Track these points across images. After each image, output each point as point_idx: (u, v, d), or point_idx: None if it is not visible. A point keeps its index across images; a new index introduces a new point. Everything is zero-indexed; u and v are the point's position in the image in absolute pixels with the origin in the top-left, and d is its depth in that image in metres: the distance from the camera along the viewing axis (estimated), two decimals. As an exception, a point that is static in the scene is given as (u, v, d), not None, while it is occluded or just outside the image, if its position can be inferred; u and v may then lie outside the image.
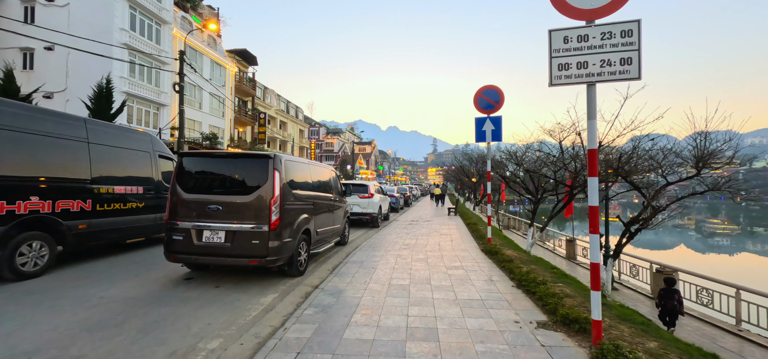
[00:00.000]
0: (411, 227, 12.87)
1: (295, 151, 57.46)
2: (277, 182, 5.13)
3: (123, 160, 7.00)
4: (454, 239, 9.96)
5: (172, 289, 4.98)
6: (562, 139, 9.33)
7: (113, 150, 6.81)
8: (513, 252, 7.46)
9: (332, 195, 7.73)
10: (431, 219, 16.44)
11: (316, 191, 6.72)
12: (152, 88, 23.78)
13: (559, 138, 9.32)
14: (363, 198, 12.13)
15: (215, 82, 31.29)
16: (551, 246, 14.99)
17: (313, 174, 6.70)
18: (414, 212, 21.16)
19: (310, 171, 6.62)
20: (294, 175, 5.80)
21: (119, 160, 6.92)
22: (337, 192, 8.33)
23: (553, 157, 10.37)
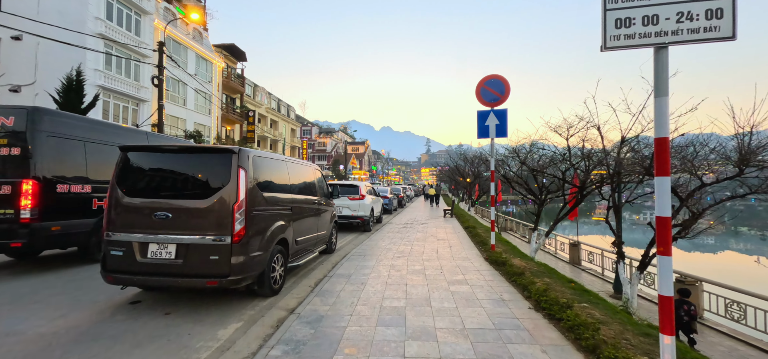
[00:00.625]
0: (405, 231, 11.96)
1: (286, 150, 56.18)
2: (242, 183, 4.16)
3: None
4: (452, 245, 9.07)
5: (109, 319, 3.97)
6: (570, 136, 8.51)
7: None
8: (520, 261, 6.59)
9: (317, 198, 6.77)
10: (426, 221, 15.55)
11: (297, 193, 5.75)
12: (131, 82, 22.47)
13: (567, 135, 8.51)
14: (353, 200, 11.17)
15: (201, 78, 30.00)
16: (552, 248, 14.23)
17: (292, 173, 5.73)
18: (408, 214, 20.26)
19: (289, 169, 5.65)
20: (267, 173, 4.83)
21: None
22: (323, 194, 7.37)
23: (559, 156, 9.56)
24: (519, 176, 10.56)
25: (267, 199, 4.68)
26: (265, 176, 4.74)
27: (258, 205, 4.43)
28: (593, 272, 10.75)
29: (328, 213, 7.55)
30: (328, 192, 7.69)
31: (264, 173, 4.73)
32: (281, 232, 4.98)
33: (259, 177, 4.56)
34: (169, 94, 26.50)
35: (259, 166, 4.63)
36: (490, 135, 7.44)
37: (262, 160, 4.74)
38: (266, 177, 4.79)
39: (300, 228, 5.76)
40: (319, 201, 6.89)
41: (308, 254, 6.28)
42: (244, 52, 36.80)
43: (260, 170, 4.63)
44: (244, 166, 4.24)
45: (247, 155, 4.35)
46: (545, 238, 9.78)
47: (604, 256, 10.16)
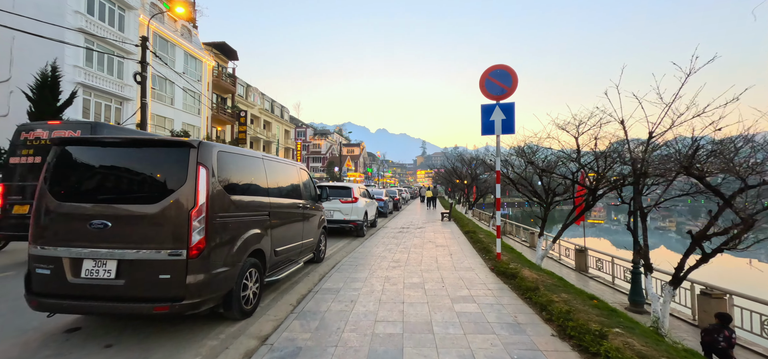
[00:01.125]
0: (401, 236, 11.20)
1: (280, 152, 55.23)
2: (203, 183, 3.37)
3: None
4: (453, 252, 8.33)
5: (33, 354, 3.15)
6: (579, 134, 7.83)
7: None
8: (531, 272, 5.86)
9: (302, 202, 5.99)
10: (424, 225, 14.81)
11: (276, 196, 4.97)
12: (114, 79, 21.49)
13: (576, 133, 7.83)
14: (345, 203, 10.39)
15: (190, 77, 29.05)
16: (556, 254, 13.55)
17: (271, 172, 4.95)
18: (404, 217, 19.51)
19: (267, 168, 4.86)
20: (237, 173, 4.05)
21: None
22: (310, 196, 6.60)
23: (565, 155, 8.89)
24: (523, 176, 9.85)
25: (237, 203, 3.89)
26: (234, 176, 3.96)
27: (224, 211, 3.65)
28: (601, 280, 10.07)
29: (316, 218, 6.77)
30: (315, 195, 6.92)
31: (233, 172, 3.95)
32: (255, 242, 4.19)
33: (226, 176, 3.78)
34: (155, 93, 25.54)
35: (227, 163, 3.85)
36: (495, 131, 6.72)
37: (230, 157, 3.95)
38: (236, 177, 4.01)
39: (280, 236, 4.98)
40: (305, 204, 6.11)
41: (291, 265, 5.49)
42: (235, 51, 35.90)
43: (228, 168, 3.85)
44: (206, 162, 3.46)
45: (210, 150, 3.57)
46: (552, 244, 9.08)
47: (614, 264, 9.49)
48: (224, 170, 3.74)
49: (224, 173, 3.73)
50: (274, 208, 4.80)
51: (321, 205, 7.27)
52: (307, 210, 6.14)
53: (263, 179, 4.64)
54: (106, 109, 21.29)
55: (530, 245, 16.25)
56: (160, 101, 26.09)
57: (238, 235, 3.85)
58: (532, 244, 16.03)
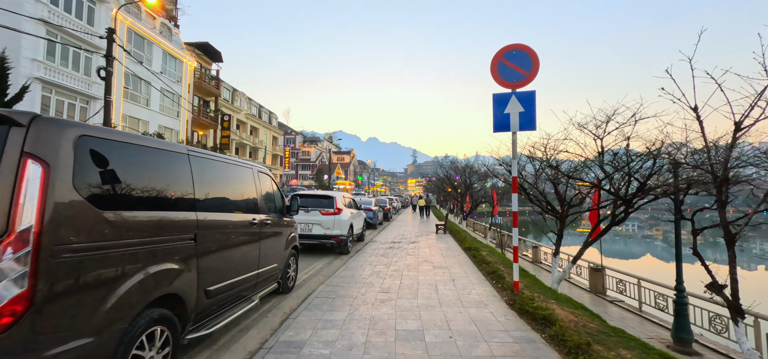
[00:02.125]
0: (392, 253, 9.69)
1: (267, 158, 53.41)
2: (31, 190, 1.85)
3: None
4: (455, 276, 6.84)
5: None
6: (603, 136, 6.52)
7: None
8: (565, 310, 4.42)
9: (261, 217, 4.46)
10: (417, 239, 13.32)
11: (213, 211, 3.45)
12: (80, 76, 19.66)
13: (601, 132, 6.52)
14: (327, 215, 8.85)
15: (169, 77, 27.30)
16: (563, 272, 12.20)
17: (203, 176, 3.41)
18: (395, 229, 17.98)
19: (196, 170, 3.32)
20: (125, 174, 2.50)
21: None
22: (275, 209, 5.08)
23: (581, 162, 7.59)
24: (534, 186, 8.48)
25: (120, 224, 2.34)
26: (118, 179, 2.41)
27: (87, 239, 2.11)
28: (624, 306, 8.70)
29: (282, 238, 5.23)
30: (282, 207, 5.39)
31: (116, 173, 2.40)
32: (164, 284, 2.65)
33: (96, 180, 2.24)
34: (129, 93, 23.73)
35: (101, 157, 2.31)
36: (511, 127, 5.32)
37: (110, 147, 2.40)
38: (124, 180, 2.46)
39: (218, 267, 3.44)
40: (265, 220, 4.57)
41: (238, 306, 3.93)
42: (219, 52, 34.26)
43: (103, 166, 2.31)
44: (45, 153, 1.93)
45: (56, 132, 2.04)
46: (572, 265, 7.68)
47: (641, 287, 8.13)
48: (91, 169, 2.20)
49: (90, 174, 2.19)
50: (207, 229, 3.26)
51: (291, 220, 5.74)
52: (267, 227, 4.61)
53: (187, 185, 3.10)
54: (69, 107, 19.41)
55: (533, 260, 14.90)
56: (134, 102, 24.27)
57: (121, 278, 2.31)
58: (536, 259, 14.68)
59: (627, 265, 10.18)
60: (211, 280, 3.31)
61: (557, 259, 7.79)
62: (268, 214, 4.75)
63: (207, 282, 3.24)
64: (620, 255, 30.09)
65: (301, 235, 8.74)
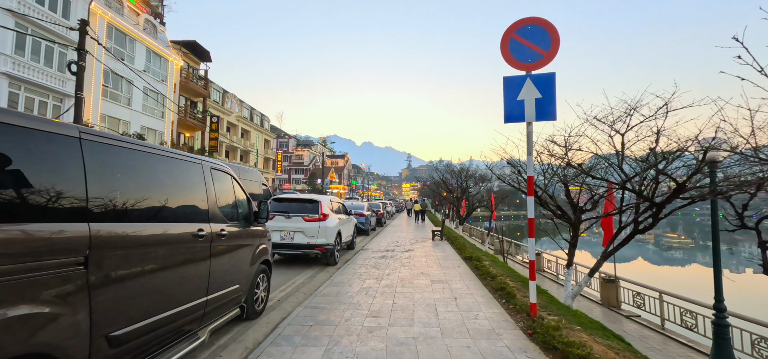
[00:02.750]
0: (385, 263, 8.71)
1: (259, 162, 52.21)
2: None
3: None
4: (458, 294, 5.88)
5: None
6: (627, 129, 5.66)
7: None
8: (607, 346, 3.50)
9: (214, 228, 3.46)
10: (412, 246, 12.35)
11: (131, 222, 2.46)
12: (53, 72, 18.46)
13: (624, 127, 5.66)
14: (310, 221, 7.84)
15: (153, 76, 26.13)
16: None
17: (117, 170, 2.43)
18: (389, 235, 16.99)
19: (106, 162, 2.33)
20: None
21: None
22: (237, 216, 4.08)
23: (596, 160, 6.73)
24: (541, 188, 7.57)
25: None
26: None
27: None
28: (643, 322, 7.81)
29: (248, 251, 4.23)
30: (248, 213, 4.39)
31: None
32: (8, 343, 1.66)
33: None
34: (108, 91, 22.51)
35: None
36: (525, 116, 4.41)
37: None
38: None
39: (134, 300, 2.44)
40: (220, 232, 3.57)
41: (177, 347, 2.93)
42: (207, 52, 33.12)
43: None
44: None
45: None
46: (589, 279, 6.76)
47: (663, 301, 7.25)
48: None
49: None
50: (111, 248, 2.26)
51: (262, 228, 4.74)
52: (223, 240, 3.60)
53: (75, 183, 2.10)
54: (40, 105, 18.17)
55: (536, 267, 14.02)
56: (114, 101, 23.03)
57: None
58: (538, 267, 13.80)
59: (620, 269, 9.55)
60: (119, 321, 2.31)
61: (571, 271, 6.88)
62: (227, 223, 3.75)
63: (112, 324, 2.24)
64: (616, 258, 28.76)
65: (281, 245, 7.73)
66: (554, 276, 12.54)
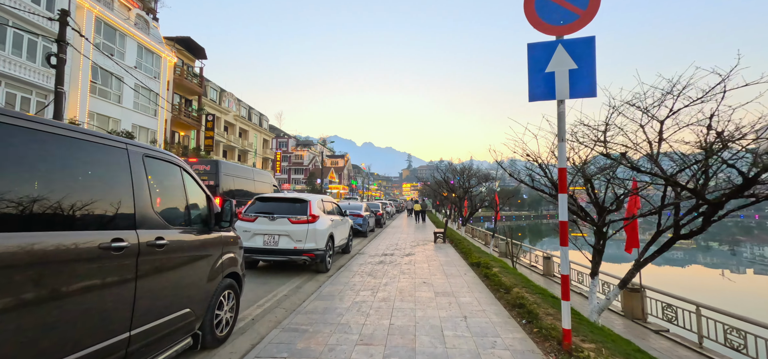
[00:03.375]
0: (383, 270, 7.79)
1: (258, 162, 51.40)
2: None
3: None
4: (467, 312, 4.96)
5: None
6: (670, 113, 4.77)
7: None
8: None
9: (145, 236, 2.55)
10: (413, 250, 11.43)
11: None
12: (36, 67, 17.59)
13: (653, 113, 4.76)
14: (298, 224, 6.92)
15: (145, 72, 25.27)
16: (582, 287, 10.39)
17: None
18: (388, 236, 16.06)
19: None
20: None
21: None
22: (189, 219, 3.18)
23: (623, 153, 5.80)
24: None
25: None
26: None
27: None
28: (675, 338, 6.87)
29: (204, 264, 3.31)
30: (207, 215, 3.49)
31: None
32: None
33: None
34: (97, 88, 21.65)
35: None
36: (556, 92, 3.49)
37: None
38: None
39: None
40: (156, 241, 2.64)
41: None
42: (202, 48, 32.26)
43: None
44: None
45: None
46: (620, 291, 5.83)
47: (701, 316, 6.32)
48: None
49: None
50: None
51: (227, 234, 3.83)
52: (161, 253, 2.68)
53: None
54: (23, 101, 17.31)
55: (544, 272, 13.09)
56: (104, 97, 22.17)
57: None
58: (548, 272, 12.87)
59: (617, 270, 8.81)
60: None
61: (596, 282, 5.94)
62: (170, 230, 2.84)
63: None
64: (613, 258, 28.15)
65: (264, 250, 6.82)
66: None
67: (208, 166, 13.16)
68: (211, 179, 12.73)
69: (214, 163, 13.19)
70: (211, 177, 12.73)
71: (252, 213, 6.93)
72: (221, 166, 13.20)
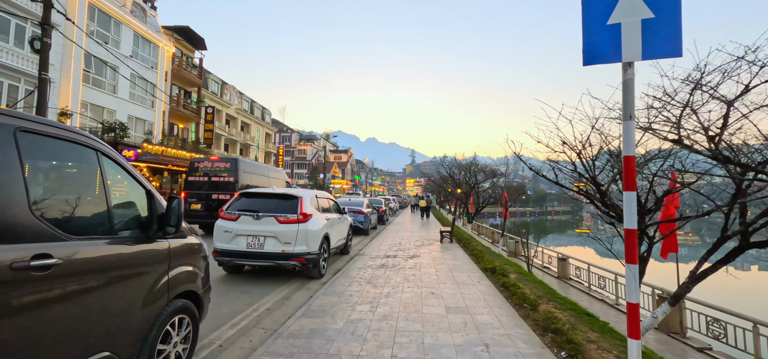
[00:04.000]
0: (384, 277, 6.88)
1: (260, 156, 50.71)
2: None
3: None
4: (489, 337, 4.02)
5: None
6: (737, 95, 3.78)
7: None
8: None
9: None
10: (418, 250, 10.51)
11: None
12: (25, 54, 16.80)
13: (723, 95, 3.77)
14: (287, 223, 6.01)
15: (142, 62, 24.46)
16: (608, 294, 9.39)
17: None
18: (391, 235, 15.14)
19: None
20: None
21: None
22: (111, 224, 2.27)
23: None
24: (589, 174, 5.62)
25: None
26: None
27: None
28: (721, 357, 5.90)
29: (134, 286, 2.39)
30: (145, 219, 2.58)
31: None
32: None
33: None
34: (91, 77, 20.87)
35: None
36: (623, 52, 2.51)
37: None
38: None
39: None
40: (35, 261, 1.73)
41: None
42: (202, 39, 31.38)
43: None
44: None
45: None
46: (670, 305, 4.87)
47: (759, 335, 5.34)
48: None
49: None
50: None
51: (181, 242, 2.92)
52: (43, 277, 1.77)
53: None
54: (10, 89, 16.54)
55: (560, 275, 12.10)
56: (98, 87, 21.39)
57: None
58: (564, 275, 11.87)
59: (617, 267, 7.73)
60: None
61: (662, 305, 4.97)
62: (66, 241, 1.93)
63: None
64: (606, 253, 27.62)
65: (247, 254, 5.91)
66: (584, 287, 10.64)
67: (228, 163, 13.90)
68: (231, 176, 13.49)
69: (234, 160, 13.97)
70: (231, 173, 13.50)
71: (234, 211, 6.04)
72: (240, 164, 13.93)
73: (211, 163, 14.02)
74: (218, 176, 13.52)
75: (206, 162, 14.13)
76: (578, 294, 9.51)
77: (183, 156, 23.29)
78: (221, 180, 13.36)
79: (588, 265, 10.59)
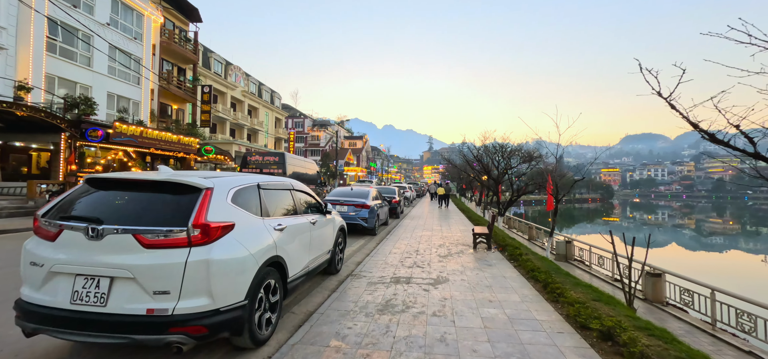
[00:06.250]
0: (384, 342, 3.48)
1: (269, 142, 48.01)
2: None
3: None
4: None
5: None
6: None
7: None
8: None
9: None
10: (444, 267, 7.03)
11: None
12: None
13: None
14: (160, 246, 2.63)
15: (122, 32, 21.58)
16: (673, 299, 5.73)
17: None
18: (406, 234, 11.63)
19: None
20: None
21: None
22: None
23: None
24: None
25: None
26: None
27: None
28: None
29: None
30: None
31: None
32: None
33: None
34: (57, 45, 18.09)
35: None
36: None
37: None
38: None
39: None
40: None
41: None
42: (195, 9, 28.25)
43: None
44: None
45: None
46: None
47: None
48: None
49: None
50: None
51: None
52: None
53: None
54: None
55: (612, 277, 8.40)
56: (67, 58, 18.63)
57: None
58: (570, 255, 8.18)
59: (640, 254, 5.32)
60: None
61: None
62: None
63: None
64: (642, 243, 26.06)
65: (72, 321, 2.61)
66: (588, 266, 7.05)
67: (276, 157, 17.06)
68: (279, 168, 16.31)
69: (281, 155, 17.20)
70: (279, 166, 16.38)
71: (54, 220, 2.78)
72: (286, 158, 17.22)
73: (261, 157, 17.08)
74: (269, 169, 15.79)
75: (257, 156, 17.27)
76: (580, 272, 5.86)
77: (168, 138, 20.36)
78: (272, 173, 14.55)
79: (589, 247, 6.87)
